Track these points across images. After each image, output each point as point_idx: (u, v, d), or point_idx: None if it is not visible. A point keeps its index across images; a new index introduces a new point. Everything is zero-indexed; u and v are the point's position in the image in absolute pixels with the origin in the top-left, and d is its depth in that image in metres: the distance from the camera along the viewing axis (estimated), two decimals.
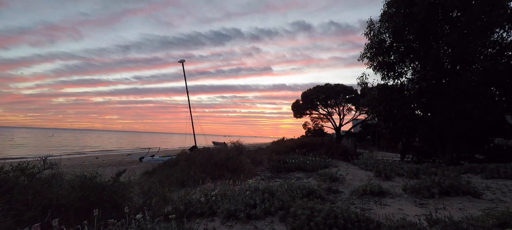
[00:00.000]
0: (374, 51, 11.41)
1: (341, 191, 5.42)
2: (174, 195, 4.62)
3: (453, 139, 10.36)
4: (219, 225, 3.41)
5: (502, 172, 6.43)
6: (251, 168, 8.27)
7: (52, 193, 3.00)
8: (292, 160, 8.92)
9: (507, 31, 9.44)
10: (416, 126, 11.06)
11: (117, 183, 3.78)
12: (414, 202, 4.45)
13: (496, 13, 8.54)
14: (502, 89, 9.64)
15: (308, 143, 13.90)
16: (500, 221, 3.04)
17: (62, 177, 3.59)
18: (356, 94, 24.26)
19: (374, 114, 12.46)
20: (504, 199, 4.54)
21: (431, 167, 7.43)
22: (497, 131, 10.58)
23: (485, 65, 8.24)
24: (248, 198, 4.02)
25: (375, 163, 8.54)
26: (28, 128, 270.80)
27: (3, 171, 3.05)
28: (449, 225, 2.78)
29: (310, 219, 3.13)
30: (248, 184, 5.03)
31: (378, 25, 11.48)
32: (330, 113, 27.25)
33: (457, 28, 9.03)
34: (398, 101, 10.76)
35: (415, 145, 13.37)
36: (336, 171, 7.17)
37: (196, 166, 7.60)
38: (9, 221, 2.50)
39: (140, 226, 2.73)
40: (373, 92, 11.91)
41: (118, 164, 16.10)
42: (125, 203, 3.57)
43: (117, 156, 23.76)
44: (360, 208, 4.09)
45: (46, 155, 3.58)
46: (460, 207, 4.01)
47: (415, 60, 11.09)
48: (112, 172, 4.90)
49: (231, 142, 11.38)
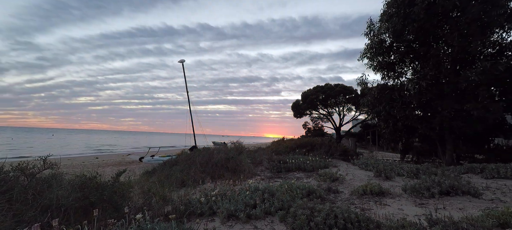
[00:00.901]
0: (374, 51, 11.42)
1: (341, 191, 5.42)
2: (174, 195, 4.62)
3: (453, 139, 10.36)
4: (219, 225, 3.41)
5: (502, 172, 6.42)
6: (251, 168, 8.27)
7: (52, 193, 3.00)
8: (292, 160, 8.91)
9: (507, 31, 9.44)
10: (416, 126, 11.05)
11: (117, 183, 3.78)
12: (414, 202, 4.45)
13: (496, 13, 8.54)
14: (502, 89, 9.64)
15: (308, 143, 13.89)
16: (500, 221, 3.04)
17: (62, 177, 3.59)
18: (356, 94, 24.27)
19: (374, 114, 12.46)
20: (504, 199, 4.54)
21: (431, 167, 7.42)
22: (497, 131, 10.58)
23: (485, 65, 8.24)
24: (248, 198, 4.01)
25: (375, 163, 8.53)
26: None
27: (3, 171, 3.05)
28: (449, 225, 2.78)
29: (310, 219, 3.13)
30: (248, 184, 5.03)
31: (378, 25, 11.49)
32: (330, 113, 27.27)
33: (457, 28, 9.03)
34: (398, 101, 10.76)
35: (415, 145, 13.36)
36: (336, 171, 7.17)
37: (196, 166, 7.60)
38: (9, 221, 2.50)
39: (140, 226, 2.73)
40: (373, 92, 11.91)
41: (118, 164, 16.11)
42: (125, 203, 3.58)
43: (117, 156, 23.77)
44: (360, 208, 4.09)
45: (46, 155, 3.58)
46: (460, 207, 4.01)
47: (415, 60, 11.10)
48: (112, 172, 4.90)
49: (231, 142, 11.40)
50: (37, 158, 3.47)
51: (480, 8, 8.57)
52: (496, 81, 9.00)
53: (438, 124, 9.76)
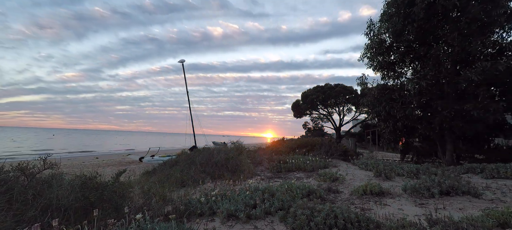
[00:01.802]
0: (374, 51, 11.42)
1: (341, 191, 5.42)
2: (174, 195, 4.62)
3: (453, 139, 10.35)
4: (219, 225, 3.41)
5: (502, 172, 6.42)
6: (251, 168, 8.27)
7: (52, 193, 3.00)
8: (292, 160, 8.92)
9: (507, 31, 9.44)
10: (416, 126, 11.05)
11: (117, 183, 3.78)
12: (414, 202, 4.45)
13: (496, 13, 8.54)
14: (502, 89, 9.64)
15: (308, 143, 13.90)
16: (500, 221, 3.04)
17: (62, 177, 3.59)
18: (356, 94, 24.29)
19: (374, 114, 12.45)
20: (504, 199, 4.54)
21: (431, 167, 7.43)
22: (497, 131, 10.58)
23: (485, 65, 8.24)
24: (248, 198, 4.01)
25: (375, 163, 8.53)
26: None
27: (3, 171, 3.05)
28: (449, 225, 2.78)
29: (310, 219, 3.13)
30: (248, 184, 5.04)
31: (378, 25, 11.49)
32: (330, 113, 27.28)
33: (457, 28, 9.03)
34: (398, 101, 10.76)
35: (415, 145, 13.35)
36: (336, 171, 7.18)
37: (196, 166, 7.60)
38: (9, 221, 2.50)
39: (140, 226, 2.73)
40: (373, 92, 11.90)
41: (118, 164, 16.11)
42: (125, 203, 3.58)
43: (117, 156, 23.78)
44: (360, 208, 4.09)
45: (46, 155, 3.58)
46: (460, 207, 4.02)
47: (415, 60, 11.09)
48: (112, 172, 4.90)
49: (231, 142, 11.40)
50: (37, 158, 3.48)
51: (480, 8, 8.57)
52: (496, 81, 9.00)
53: (438, 124, 9.76)
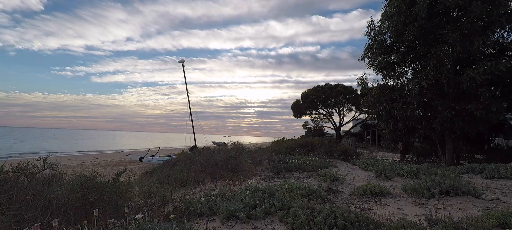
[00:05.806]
0: (375, 51, 11.42)
1: (341, 191, 5.41)
2: (174, 195, 4.61)
3: (453, 139, 10.35)
4: (219, 225, 3.41)
5: (502, 172, 6.42)
6: (251, 168, 8.26)
7: (52, 193, 3.00)
8: (292, 160, 8.91)
9: (507, 31, 9.43)
10: (416, 126, 11.05)
11: (117, 183, 3.78)
12: (414, 202, 4.45)
13: (497, 13, 8.53)
14: (503, 89, 9.63)
15: (308, 143, 13.88)
16: (500, 221, 3.04)
17: (62, 177, 3.59)
18: (356, 94, 24.29)
19: (374, 114, 12.46)
20: (504, 199, 4.53)
21: (431, 167, 7.43)
22: (497, 131, 10.58)
23: (488, 65, 8.23)
24: (248, 198, 4.01)
25: (375, 163, 8.53)
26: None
27: (3, 171, 3.05)
28: (449, 225, 2.78)
29: (310, 219, 3.13)
30: (248, 184, 5.02)
31: (378, 25, 11.48)
32: (330, 113, 27.27)
33: (458, 28, 9.01)
34: (398, 101, 10.76)
35: (415, 145, 13.36)
36: (336, 171, 7.17)
37: (196, 166, 7.60)
38: (9, 221, 2.50)
39: (140, 226, 2.73)
40: (373, 92, 11.91)
41: (118, 164, 16.11)
42: (125, 203, 3.58)
43: (117, 156, 23.78)
44: (360, 208, 4.09)
45: (46, 155, 3.58)
46: (460, 207, 4.01)
47: (415, 60, 11.08)
48: (112, 172, 4.90)
49: (231, 142, 11.40)
50: (37, 158, 3.48)
51: (481, 8, 8.56)
52: (497, 81, 8.98)
53: (438, 124, 9.75)
